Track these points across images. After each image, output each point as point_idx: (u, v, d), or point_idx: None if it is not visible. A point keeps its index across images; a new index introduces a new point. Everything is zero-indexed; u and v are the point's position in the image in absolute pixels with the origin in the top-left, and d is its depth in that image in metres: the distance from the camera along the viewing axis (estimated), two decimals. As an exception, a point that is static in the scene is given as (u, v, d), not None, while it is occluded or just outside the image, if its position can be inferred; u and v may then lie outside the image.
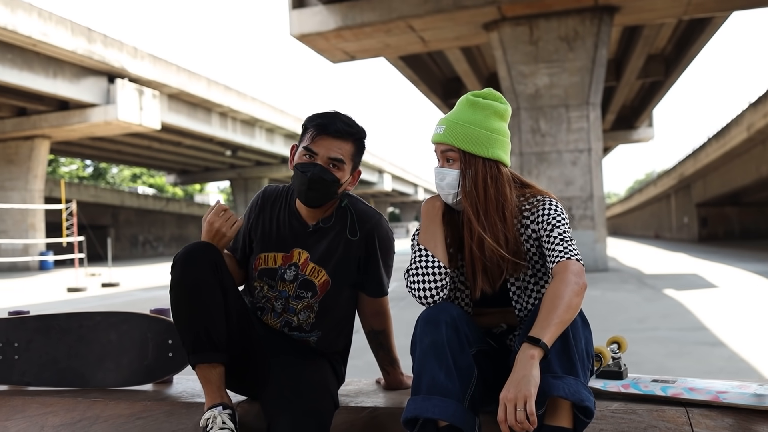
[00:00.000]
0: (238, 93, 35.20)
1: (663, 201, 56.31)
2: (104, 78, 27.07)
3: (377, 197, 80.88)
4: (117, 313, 2.62)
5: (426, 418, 1.70)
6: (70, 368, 2.64)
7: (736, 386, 2.02)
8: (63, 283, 19.77)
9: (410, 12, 17.29)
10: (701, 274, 16.53)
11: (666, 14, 18.35)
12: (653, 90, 32.27)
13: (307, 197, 2.18)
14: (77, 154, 46.44)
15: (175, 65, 30.03)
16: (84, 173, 64.19)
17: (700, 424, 1.89)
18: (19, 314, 2.78)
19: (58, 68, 25.10)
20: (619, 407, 2.00)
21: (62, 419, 2.37)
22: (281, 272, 2.26)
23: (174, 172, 55.51)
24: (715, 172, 37.64)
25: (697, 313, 9.59)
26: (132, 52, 27.38)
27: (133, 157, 45.92)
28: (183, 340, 2.10)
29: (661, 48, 26.53)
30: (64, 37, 23.92)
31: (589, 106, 16.92)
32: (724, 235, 43.70)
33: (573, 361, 1.69)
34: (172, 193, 70.10)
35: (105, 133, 30.24)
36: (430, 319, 1.82)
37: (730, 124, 30.24)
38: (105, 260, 24.91)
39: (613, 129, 40.11)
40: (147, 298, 14.40)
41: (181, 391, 2.53)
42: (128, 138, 35.31)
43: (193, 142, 38.67)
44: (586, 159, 16.85)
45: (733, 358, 6.59)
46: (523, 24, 17.26)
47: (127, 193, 52.47)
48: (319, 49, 19.83)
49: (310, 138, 2.16)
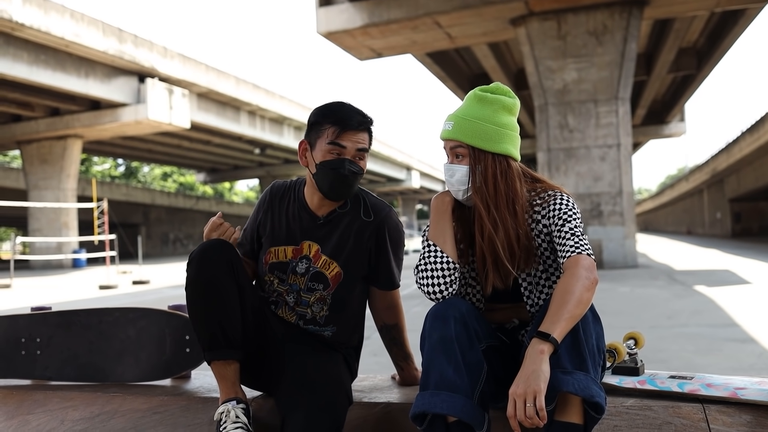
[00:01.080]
0: (266, 91, 35.40)
1: (695, 196, 55.60)
2: (135, 78, 27.39)
3: (405, 194, 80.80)
4: (135, 309, 2.65)
5: (434, 413, 1.70)
6: (90, 363, 2.68)
7: (755, 382, 1.99)
8: (95, 280, 20.06)
9: (437, 8, 17.24)
10: (733, 270, 16.28)
11: (697, 7, 18.08)
12: (685, 84, 31.83)
13: (339, 193, 2.20)
14: (109, 153, 47.08)
15: (204, 64, 30.29)
16: (116, 172, 65.04)
17: (717, 420, 1.86)
18: (42, 310, 2.82)
19: (89, 68, 25.44)
20: (634, 403, 1.97)
21: (82, 413, 2.40)
22: (292, 265, 2.27)
23: (203, 171, 56.02)
24: (748, 167, 37.06)
25: (728, 309, 9.45)
26: (162, 51, 27.67)
27: (163, 155, 46.42)
28: (199, 337, 2.12)
29: (693, 41, 26.15)
30: (96, 37, 24.25)
31: (618, 101, 16.73)
32: (759, 230, 43.03)
33: (583, 356, 1.68)
34: (202, 192, 70.73)
35: (136, 132, 30.60)
36: (439, 314, 1.81)
37: (764, 117, 29.74)
38: (136, 258, 25.22)
39: (644, 124, 39.65)
40: (175, 295, 14.55)
41: (198, 386, 2.55)
42: (158, 137, 35.69)
43: (222, 140, 38.98)
44: (615, 154, 16.67)
45: (764, 355, 6.48)
46: (551, 18, 17.12)
47: (158, 192, 53.08)
48: (346, 46, 19.86)
49: (334, 134, 2.15)
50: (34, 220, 30.80)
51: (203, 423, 2.25)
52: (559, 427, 1.69)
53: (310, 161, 2.21)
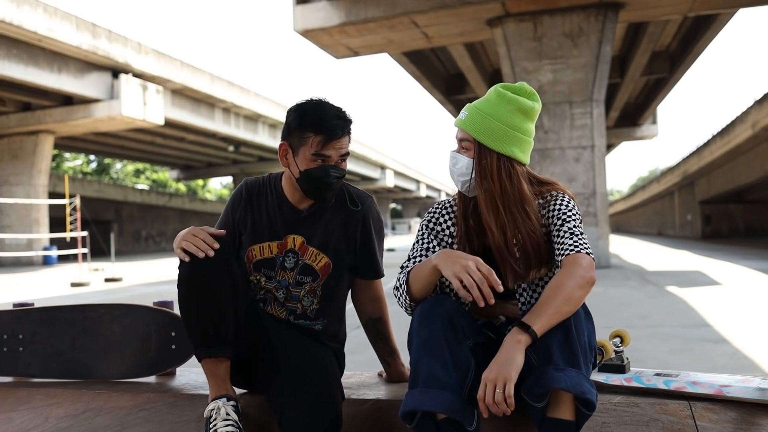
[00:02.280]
0: (242, 88, 35.19)
1: (666, 198, 56.21)
2: (108, 73, 27.07)
3: (379, 193, 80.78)
4: (121, 306, 2.63)
5: (424, 411, 1.71)
6: (75, 360, 2.66)
7: (739, 380, 2.02)
8: (66, 277, 19.82)
9: (414, 8, 17.25)
10: (704, 271, 16.50)
11: (672, 11, 18.28)
12: (657, 87, 32.18)
13: (324, 197, 2.20)
14: (81, 149, 46.52)
15: (179, 60, 30.03)
16: (88, 168, 64.26)
17: (703, 417, 1.89)
18: (24, 306, 2.79)
19: (62, 63, 25.11)
20: (621, 400, 2.00)
21: (66, 410, 2.38)
22: (280, 261, 2.26)
23: (177, 168, 55.51)
24: (719, 170, 37.57)
25: (700, 310, 9.58)
26: (136, 47, 27.39)
27: (136, 152, 45.94)
28: (190, 333, 2.10)
29: (666, 45, 26.45)
30: (69, 32, 23.92)
31: (593, 103, 16.87)
32: (728, 232, 43.61)
33: (575, 353, 1.69)
34: (175, 189, 70.13)
35: (109, 128, 30.24)
36: (426, 312, 1.81)
37: (734, 121, 30.16)
38: (108, 255, 24.95)
39: (617, 126, 40.02)
40: (150, 293, 14.42)
41: (184, 383, 2.54)
42: (132, 133, 35.31)
43: (196, 137, 38.67)
44: (589, 156, 16.81)
45: (736, 355, 6.58)
46: (527, 20, 17.22)
47: (130, 189, 52.52)
48: (323, 44, 19.81)
49: (319, 145, 2.13)
50: (4, 216, 30.32)
51: (191, 420, 2.24)
52: (550, 424, 1.71)
53: (293, 165, 2.20)
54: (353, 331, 2.51)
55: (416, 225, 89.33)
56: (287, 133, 2.21)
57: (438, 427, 1.73)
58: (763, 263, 18.41)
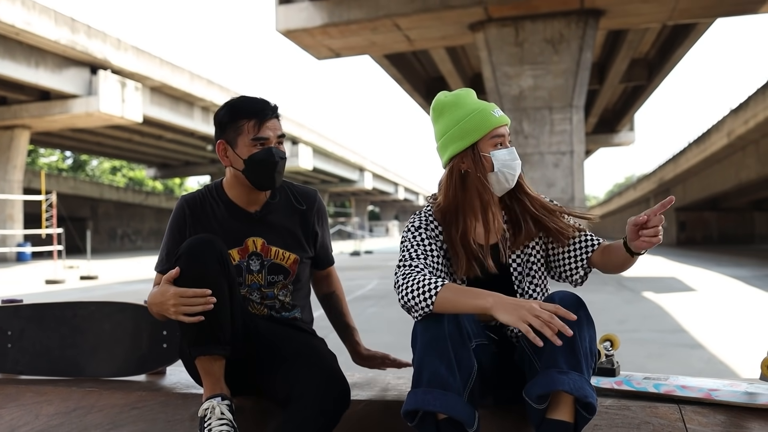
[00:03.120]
0: (221, 87, 35.06)
1: (642, 204, 56.69)
2: (87, 69, 26.85)
3: (357, 195, 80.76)
4: (112, 303, 2.61)
5: (426, 410, 1.72)
6: (64, 357, 2.64)
7: (727, 384, 2.06)
8: (41, 275, 19.60)
9: (397, 10, 17.30)
10: (680, 277, 16.70)
11: (651, 19, 18.50)
12: (635, 94, 32.53)
13: (273, 181, 2.24)
14: (57, 145, 46.01)
15: (158, 58, 29.85)
16: (63, 165, 63.59)
17: (692, 420, 1.92)
18: (13, 303, 2.76)
19: (40, 58, 24.85)
20: (612, 403, 2.03)
21: (57, 408, 2.36)
22: (245, 265, 2.27)
23: (154, 166, 55.14)
24: (694, 177, 38.00)
25: (676, 315, 9.69)
26: (115, 43, 27.18)
27: (113, 149, 45.57)
28: (185, 332, 2.08)
29: (645, 52, 26.75)
30: (48, 26, 23.69)
31: (573, 109, 17.02)
32: (703, 239, 44.13)
33: (578, 357, 1.72)
34: (152, 187, 69.62)
35: (86, 124, 29.99)
36: (432, 313, 1.83)
37: (710, 129, 30.54)
38: (83, 253, 24.72)
39: (595, 132, 40.38)
40: (127, 291, 14.31)
41: (176, 382, 2.53)
42: (109, 130, 35.06)
43: (174, 135, 38.46)
44: (568, 161, 16.95)
45: (712, 360, 6.67)
46: (509, 25, 17.33)
47: (106, 186, 52.06)
48: (305, 45, 19.80)
49: (255, 128, 2.20)
50: (-23, 211, 29.97)
51: (184, 419, 2.23)
52: (550, 425, 1.73)
53: (234, 159, 2.23)
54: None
55: (394, 227, 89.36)
56: (221, 131, 2.26)
57: (438, 427, 1.75)
58: (737, 270, 18.65)
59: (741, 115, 25.62)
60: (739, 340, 7.81)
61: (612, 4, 16.71)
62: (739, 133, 26.04)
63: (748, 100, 24.77)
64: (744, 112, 25.25)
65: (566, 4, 16.57)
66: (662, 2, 16.69)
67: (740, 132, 25.88)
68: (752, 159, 27.92)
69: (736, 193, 35.32)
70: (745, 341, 7.79)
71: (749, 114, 24.58)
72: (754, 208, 43.16)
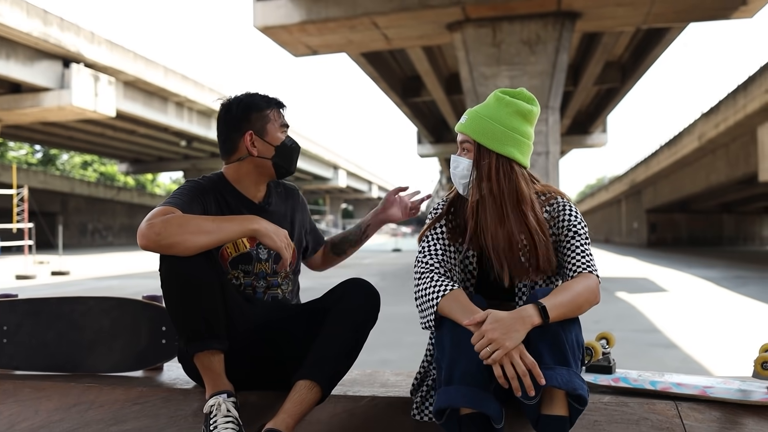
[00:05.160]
0: (196, 83, 34.74)
1: (614, 206, 57.31)
2: (59, 62, 26.45)
3: (331, 193, 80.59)
4: (110, 299, 2.60)
5: (457, 407, 1.75)
6: (61, 353, 2.62)
7: (720, 381, 2.13)
8: (11, 270, 19.33)
9: (375, 9, 17.27)
10: (651, 278, 16.93)
11: (626, 22, 18.69)
12: (609, 96, 32.80)
13: (295, 168, 2.34)
14: (27, 139, 45.32)
15: (132, 52, 29.51)
16: (33, 159, 62.67)
17: (689, 416, 1.98)
18: (7, 297, 2.74)
19: (11, 50, 24.43)
20: (611, 400, 2.08)
21: (56, 404, 2.34)
22: (255, 253, 2.29)
23: (126, 161, 54.50)
24: (665, 180, 38.47)
25: (650, 315, 9.84)
26: (89, 36, 26.83)
27: (85, 144, 44.97)
28: (180, 331, 2.07)
29: (619, 55, 27.00)
30: (19, 18, 23.30)
31: (549, 110, 17.14)
32: (673, 241, 44.69)
33: (564, 351, 1.75)
34: (123, 182, 68.89)
35: (58, 118, 29.56)
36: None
37: (682, 133, 30.93)
38: (53, 248, 24.42)
39: (568, 133, 40.64)
40: (101, 287, 14.19)
41: (175, 377, 2.52)
42: (81, 124, 34.59)
43: (147, 131, 38.04)
44: (543, 162, 17.07)
45: (687, 360, 6.80)
46: (487, 26, 17.40)
47: (77, 181, 51.37)
48: (282, 42, 19.69)
49: (279, 115, 2.28)
50: (-56, 205, 29.44)
51: (186, 414, 2.23)
52: (546, 421, 1.76)
53: (264, 147, 2.25)
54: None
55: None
56: (245, 123, 2.25)
57: (461, 423, 1.77)
58: (707, 271, 18.96)
59: (712, 119, 26.00)
60: (713, 340, 7.96)
61: (588, 7, 16.84)
62: (710, 137, 26.42)
63: (719, 104, 25.14)
64: (715, 116, 25.62)
65: (543, 6, 16.67)
66: (637, 6, 16.86)
67: (711, 135, 26.26)
68: (722, 162, 28.33)
69: (706, 195, 35.83)
70: (718, 341, 7.94)
71: (720, 118, 24.95)
72: (722, 210, 43.87)
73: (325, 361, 2.01)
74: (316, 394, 1.97)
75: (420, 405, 2.01)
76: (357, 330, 2.09)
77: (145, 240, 1.94)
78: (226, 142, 2.30)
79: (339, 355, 2.04)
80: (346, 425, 2.04)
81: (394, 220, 2.60)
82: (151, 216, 1.99)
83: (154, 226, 1.94)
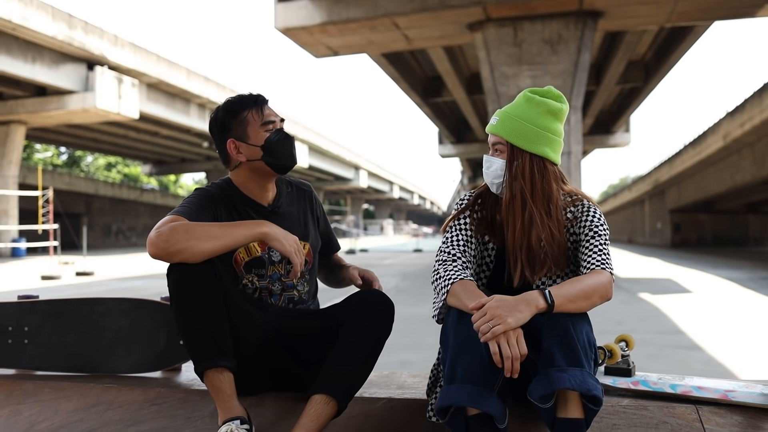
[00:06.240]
0: (218, 84, 34.96)
1: (637, 206, 56.85)
2: (83, 65, 26.75)
3: (353, 193, 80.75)
4: (129, 300, 2.62)
5: (459, 406, 1.74)
6: (81, 354, 2.64)
7: (742, 385, 2.09)
8: (36, 270, 19.56)
9: (396, 9, 17.27)
10: (675, 279, 16.76)
11: (649, 21, 18.53)
12: (632, 96, 32.56)
13: (292, 159, 2.29)
14: (53, 141, 45.88)
15: (155, 54, 29.78)
16: (58, 161, 63.39)
17: (710, 420, 1.95)
18: (29, 298, 2.77)
19: (37, 53, 24.76)
20: (630, 403, 2.05)
21: (76, 404, 2.37)
22: (267, 257, 2.29)
23: (149, 162, 55.05)
24: (689, 179, 38.10)
25: (673, 316, 9.74)
26: (112, 39, 27.10)
27: (109, 145, 45.46)
28: (188, 347, 2.06)
29: (642, 54, 26.78)
30: (45, 22, 23.60)
31: (571, 110, 17.04)
32: (697, 241, 44.23)
33: (576, 352, 1.73)
34: (147, 183, 69.48)
35: (82, 120, 29.90)
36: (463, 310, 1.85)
37: (706, 132, 30.61)
38: (77, 249, 24.67)
39: (591, 133, 40.38)
40: (124, 287, 14.31)
41: (193, 378, 2.54)
42: (105, 126, 34.95)
43: (170, 132, 38.37)
44: (565, 162, 16.96)
45: (711, 362, 6.71)
46: (508, 25, 17.33)
47: (101, 182, 51.90)
48: (303, 43, 19.76)
49: (258, 114, 2.24)
50: (-28, 206, 29.85)
51: (203, 416, 2.24)
52: (562, 424, 1.75)
53: (250, 150, 2.24)
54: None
55: (388, 226, 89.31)
56: (226, 131, 2.26)
57: (468, 423, 1.76)
58: (732, 272, 18.73)
59: (737, 118, 25.71)
60: (737, 343, 7.86)
61: (610, 6, 16.72)
62: (735, 136, 26.13)
63: (744, 102, 24.85)
64: (740, 115, 25.33)
65: (565, 5, 16.58)
66: (660, 5, 16.71)
67: (736, 134, 25.96)
68: (748, 161, 28.01)
69: (730, 195, 35.42)
70: (744, 343, 7.84)
71: (745, 117, 24.66)
72: (748, 210, 43.29)
73: (341, 375, 2.01)
74: (332, 409, 1.97)
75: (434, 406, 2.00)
76: (372, 344, 2.09)
77: (154, 248, 1.96)
78: (220, 153, 2.31)
79: (354, 368, 2.04)
80: (362, 427, 2.04)
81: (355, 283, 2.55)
82: (159, 225, 2.00)
83: (161, 234, 1.96)
